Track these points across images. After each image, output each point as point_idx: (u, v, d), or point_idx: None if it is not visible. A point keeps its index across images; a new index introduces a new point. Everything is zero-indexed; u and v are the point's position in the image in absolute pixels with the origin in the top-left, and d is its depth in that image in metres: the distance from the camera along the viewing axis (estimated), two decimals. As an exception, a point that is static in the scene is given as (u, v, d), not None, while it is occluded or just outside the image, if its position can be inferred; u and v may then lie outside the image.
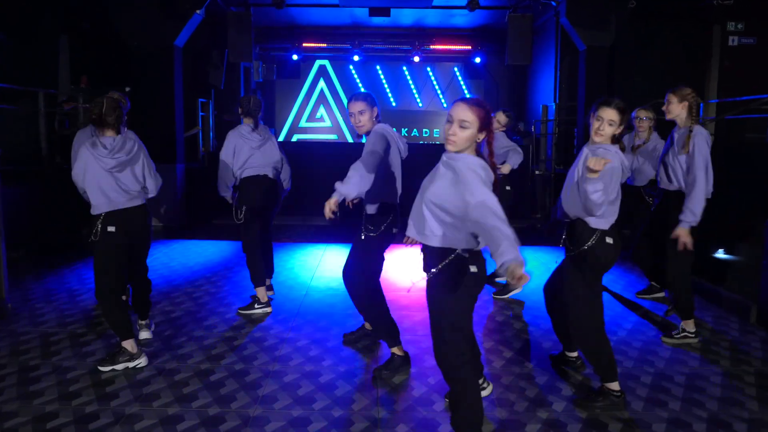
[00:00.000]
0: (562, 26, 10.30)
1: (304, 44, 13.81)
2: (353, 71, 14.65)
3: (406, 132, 13.62)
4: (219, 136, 11.64)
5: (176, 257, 7.17)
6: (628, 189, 4.71)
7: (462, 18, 12.55)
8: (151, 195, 4.22)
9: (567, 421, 3.29)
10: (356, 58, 13.73)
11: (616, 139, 3.38)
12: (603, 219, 3.33)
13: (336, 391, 3.62)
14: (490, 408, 3.43)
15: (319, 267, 6.73)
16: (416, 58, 13.62)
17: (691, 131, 4.23)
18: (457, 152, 2.72)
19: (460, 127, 2.68)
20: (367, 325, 4.48)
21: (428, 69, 14.60)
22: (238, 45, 10.65)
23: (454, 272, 2.72)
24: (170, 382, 3.68)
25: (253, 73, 14.04)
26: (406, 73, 14.62)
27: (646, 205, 5.48)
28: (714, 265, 5.97)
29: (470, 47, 13.73)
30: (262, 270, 5.08)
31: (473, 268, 2.71)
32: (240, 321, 4.85)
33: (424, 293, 2.96)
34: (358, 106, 3.81)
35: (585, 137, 9.22)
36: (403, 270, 6.61)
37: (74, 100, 8.90)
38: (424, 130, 13.38)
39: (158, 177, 4.24)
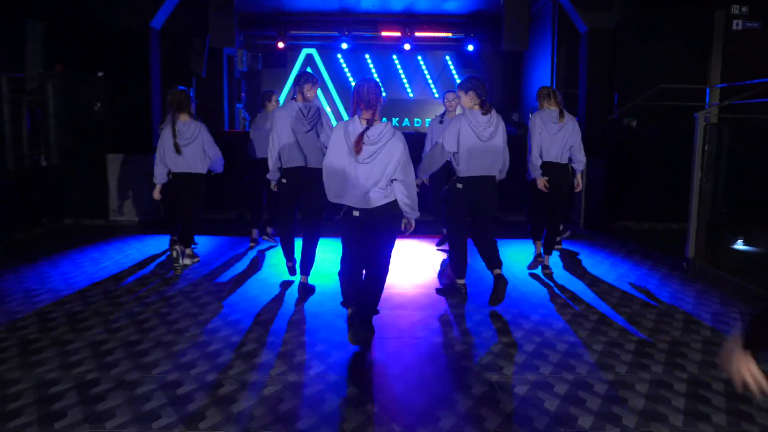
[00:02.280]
0: (562, 8, 9.81)
1: (291, 32, 13.26)
2: (342, 60, 14.11)
3: (397, 122, 13.11)
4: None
5: (149, 253, 6.62)
6: None
7: (454, 3, 12.04)
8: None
9: (596, 440, 2.80)
10: (345, 46, 13.18)
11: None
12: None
13: (324, 406, 3.09)
14: (505, 426, 2.92)
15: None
16: (407, 46, 13.10)
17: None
18: None
19: None
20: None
21: (419, 57, 14.08)
22: (220, 29, 10.06)
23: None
24: (129, 397, 3.14)
25: (237, 62, 13.46)
26: (396, 62, 14.10)
27: None
28: (734, 257, 5.51)
29: (463, 35, 13.24)
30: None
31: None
32: (215, 324, 4.31)
33: (420, 291, 2.46)
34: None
35: (587, 126, 8.73)
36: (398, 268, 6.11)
37: (43, 84, 8.31)
38: (415, 119, 12.87)
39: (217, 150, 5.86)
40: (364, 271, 4.01)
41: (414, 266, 6.07)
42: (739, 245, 5.62)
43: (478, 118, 4.61)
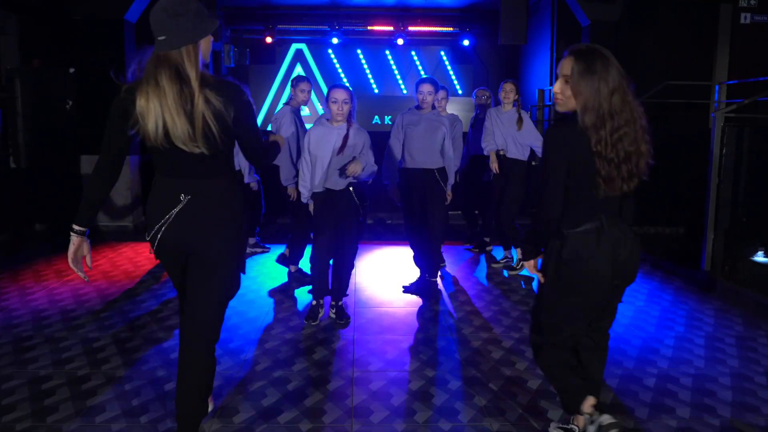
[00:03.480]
0: (562, 0, 9.32)
1: (279, 26, 12.73)
2: (332, 55, 13.59)
3: (390, 119, 12.60)
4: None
5: (121, 264, 6.12)
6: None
7: (449, -4, 11.56)
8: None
9: None
10: (335, 40, 12.67)
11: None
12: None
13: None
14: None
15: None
16: (400, 41, 12.60)
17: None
18: None
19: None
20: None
21: (413, 53, 13.57)
22: (202, 23, 9.55)
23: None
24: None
25: (224, 58, 12.92)
26: (389, 57, 13.59)
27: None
28: (755, 270, 5.04)
29: (458, 29, 12.74)
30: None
31: None
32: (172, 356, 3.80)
33: (411, 310, 1.97)
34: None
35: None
36: (383, 282, 5.62)
37: (11, 81, 7.78)
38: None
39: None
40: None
41: (404, 279, 5.57)
42: (760, 257, 5.16)
43: None
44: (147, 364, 3.61)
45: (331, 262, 4.43)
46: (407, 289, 5.15)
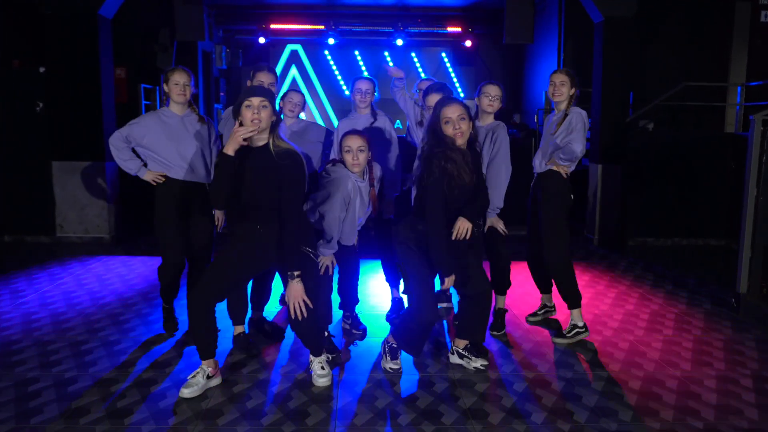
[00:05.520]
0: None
1: (272, 26, 12.17)
2: (329, 57, 13.04)
3: (388, 124, 12.02)
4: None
5: (89, 282, 5.52)
6: None
7: (451, -6, 10.99)
8: None
9: None
10: (332, 41, 12.10)
11: None
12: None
13: None
14: None
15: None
16: (399, 42, 12.03)
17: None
18: None
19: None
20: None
21: (413, 54, 13.02)
22: (187, 19, 8.98)
23: None
24: None
25: (216, 59, 12.36)
26: (388, 58, 13.03)
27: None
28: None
29: (460, 29, 12.16)
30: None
31: None
32: (134, 400, 3.20)
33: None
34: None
35: (602, 128, 7.62)
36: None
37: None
38: (408, 122, 11.80)
39: None
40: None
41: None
42: (803, 278, 4.54)
43: None
44: (85, 419, 3.00)
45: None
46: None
